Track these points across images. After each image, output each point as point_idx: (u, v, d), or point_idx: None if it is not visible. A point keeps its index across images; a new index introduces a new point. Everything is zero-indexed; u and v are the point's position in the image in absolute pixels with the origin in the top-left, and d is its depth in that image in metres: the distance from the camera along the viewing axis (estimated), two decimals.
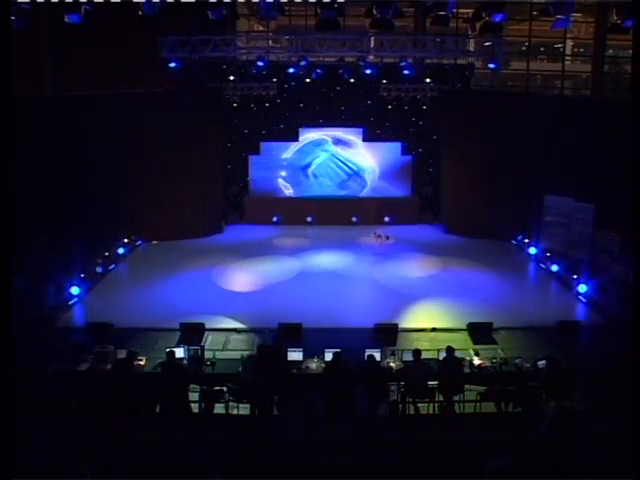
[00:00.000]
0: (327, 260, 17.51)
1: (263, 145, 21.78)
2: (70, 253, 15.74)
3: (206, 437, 6.89)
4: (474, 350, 10.66)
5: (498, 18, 12.65)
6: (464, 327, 12.25)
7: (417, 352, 9.33)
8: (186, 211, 19.37)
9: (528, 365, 9.73)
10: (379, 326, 12.06)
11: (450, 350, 9.35)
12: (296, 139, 21.75)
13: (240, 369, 9.27)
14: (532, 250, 17.88)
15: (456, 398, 9.12)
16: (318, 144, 21.89)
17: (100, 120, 17.60)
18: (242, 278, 15.85)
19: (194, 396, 9.08)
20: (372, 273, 16.35)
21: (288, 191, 22.21)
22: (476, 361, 10.12)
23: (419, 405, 9.13)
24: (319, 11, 12.53)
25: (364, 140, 21.87)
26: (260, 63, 17.83)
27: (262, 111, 21.00)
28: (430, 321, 12.93)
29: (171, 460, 4.81)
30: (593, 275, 14.84)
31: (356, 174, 22.15)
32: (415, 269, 16.73)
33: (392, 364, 9.84)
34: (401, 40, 17.77)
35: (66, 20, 11.80)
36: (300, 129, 21.65)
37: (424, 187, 22.28)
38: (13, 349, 4.03)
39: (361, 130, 21.80)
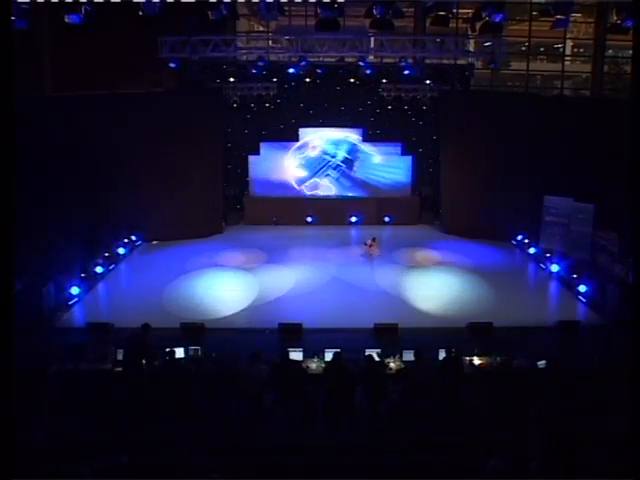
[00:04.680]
0: (327, 260, 17.50)
1: (263, 145, 21.79)
2: (70, 253, 15.76)
3: (206, 437, 6.88)
4: (474, 350, 10.64)
5: (498, 18, 12.63)
6: (464, 327, 12.25)
7: (418, 352, 9.33)
8: (186, 211, 19.37)
9: (528, 365, 9.72)
10: (379, 326, 12.06)
11: (450, 350, 9.34)
12: (296, 139, 21.75)
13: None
14: (532, 250, 17.89)
15: (456, 398, 9.11)
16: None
17: (100, 120, 17.60)
18: (242, 278, 15.84)
19: (194, 396, 9.07)
20: (372, 273, 16.34)
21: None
22: (476, 361, 10.12)
23: (419, 405, 9.12)
24: (319, 11, 12.52)
25: (364, 140, 21.87)
26: (260, 63, 17.83)
27: (262, 111, 20.99)
28: (430, 321, 12.95)
29: (172, 460, 4.81)
30: (593, 275, 14.84)
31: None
32: (415, 269, 16.74)
33: (392, 364, 9.84)
34: (401, 40, 17.79)
35: (66, 20, 11.79)
36: (300, 129, 21.65)
37: (424, 187, 22.28)
38: (13, 349, 4.03)
39: (361, 130, 21.80)
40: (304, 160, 21.93)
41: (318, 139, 21.80)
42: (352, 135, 21.77)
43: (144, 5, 11.60)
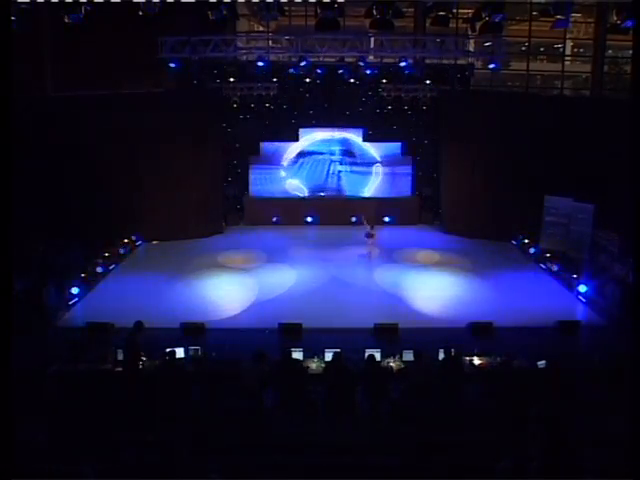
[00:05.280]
0: (327, 260, 17.49)
1: (263, 145, 21.79)
2: (70, 253, 15.77)
3: (206, 437, 6.88)
4: (474, 350, 10.63)
5: (498, 18, 12.65)
6: (464, 327, 12.25)
7: (418, 352, 9.33)
8: (186, 211, 19.37)
9: (528, 365, 9.71)
10: (379, 326, 12.06)
11: (450, 350, 9.34)
12: (296, 139, 21.76)
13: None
14: (532, 250, 17.89)
15: (456, 398, 9.11)
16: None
17: (100, 120, 17.60)
18: (242, 278, 15.84)
19: (194, 396, 9.07)
20: (372, 273, 16.34)
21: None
22: (476, 361, 10.12)
23: (419, 405, 9.12)
24: (319, 11, 12.53)
25: (364, 140, 21.88)
26: (260, 63, 17.81)
27: (262, 111, 20.99)
28: (430, 321, 12.95)
29: (171, 460, 4.81)
30: (593, 275, 14.83)
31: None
32: (415, 269, 16.73)
33: (392, 364, 9.84)
34: (401, 40, 17.77)
35: (66, 20, 11.80)
36: (300, 129, 21.65)
37: (424, 187, 22.28)
38: (13, 349, 4.03)
39: (361, 130, 21.80)
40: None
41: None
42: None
43: (144, 5, 11.62)
